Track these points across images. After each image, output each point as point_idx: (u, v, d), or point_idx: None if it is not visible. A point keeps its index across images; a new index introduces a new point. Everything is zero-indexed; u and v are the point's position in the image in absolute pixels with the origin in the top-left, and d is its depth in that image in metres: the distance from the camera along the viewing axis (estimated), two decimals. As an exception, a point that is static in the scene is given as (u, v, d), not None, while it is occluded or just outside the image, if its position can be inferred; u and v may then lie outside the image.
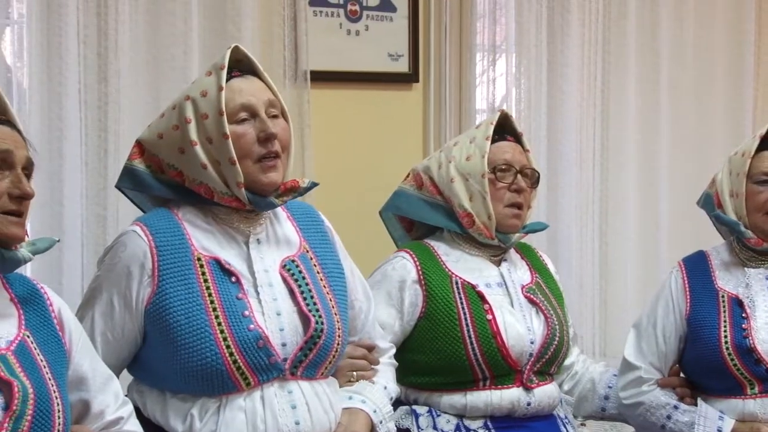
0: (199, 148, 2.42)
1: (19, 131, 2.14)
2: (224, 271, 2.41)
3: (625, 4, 4.25)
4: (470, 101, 4.05)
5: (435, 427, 2.84)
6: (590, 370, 3.15)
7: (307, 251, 2.55)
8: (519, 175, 2.94)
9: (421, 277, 2.89)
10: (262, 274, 2.44)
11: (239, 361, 2.34)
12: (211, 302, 2.37)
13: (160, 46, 3.50)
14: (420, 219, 3.03)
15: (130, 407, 2.32)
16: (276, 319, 2.41)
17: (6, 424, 1.99)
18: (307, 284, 2.47)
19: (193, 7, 3.51)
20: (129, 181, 2.53)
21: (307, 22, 3.75)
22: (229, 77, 2.45)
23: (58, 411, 2.09)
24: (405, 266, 2.91)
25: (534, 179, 2.98)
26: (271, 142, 2.42)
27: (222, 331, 2.34)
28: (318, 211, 2.68)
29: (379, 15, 3.93)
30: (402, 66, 3.99)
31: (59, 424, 2.08)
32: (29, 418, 2.02)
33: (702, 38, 4.41)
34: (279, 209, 2.56)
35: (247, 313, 2.38)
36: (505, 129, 3.01)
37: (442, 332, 2.84)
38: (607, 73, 4.26)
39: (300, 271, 2.48)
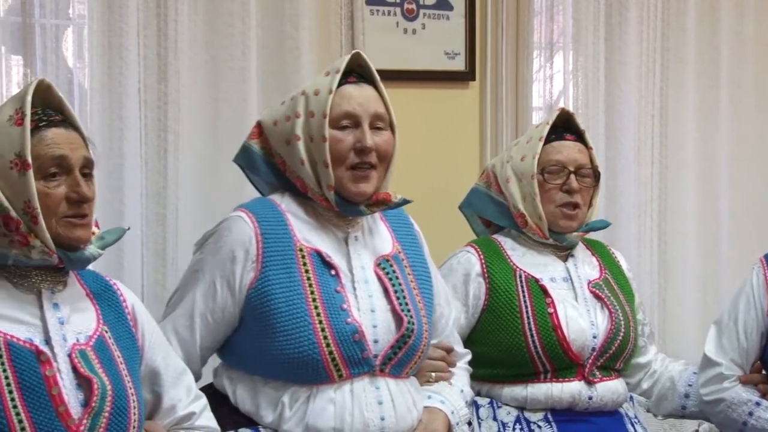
0: (301, 144, 2.48)
1: (76, 129, 2.16)
2: (325, 263, 2.46)
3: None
4: (527, 99, 4.03)
5: (495, 419, 2.85)
6: (669, 369, 3.13)
7: (400, 252, 2.60)
8: (573, 175, 2.93)
9: (485, 270, 2.92)
10: (359, 271, 2.49)
11: (335, 352, 2.39)
12: (312, 292, 2.42)
13: (218, 46, 3.52)
14: (487, 216, 3.08)
15: (203, 402, 2.35)
16: (370, 315, 2.45)
17: (85, 421, 2.02)
18: (400, 284, 2.51)
19: (252, 7, 3.53)
20: (243, 159, 2.62)
21: (364, 21, 3.76)
22: (345, 82, 2.49)
23: (134, 407, 2.12)
24: (469, 260, 2.95)
25: (594, 178, 2.97)
26: (366, 153, 2.47)
27: (320, 322, 2.39)
28: (408, 216, 2.72)
29: (436, 13, 3.92)
30: (458, 64, 3.98)
31: (134, 421, 2.11)
32: (107, 414, 2.05)
33: (763, 34, 4.35)
34: None
35: (345, 306, 2.43)
36: (569, 127, 3.00)
37: (503, 324, 2.86)
38: (666, 69, 4.22)
39: (393, 271, 2.53)
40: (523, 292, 2.88)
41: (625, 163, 4.15)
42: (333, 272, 2.46)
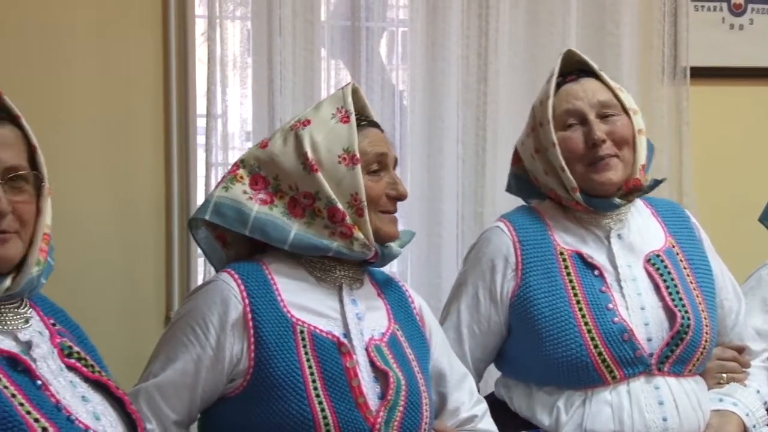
0: (540, 156, 2.49)
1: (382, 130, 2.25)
2: (587, 264, 2.44)
3: None
4: None
5: None
6: None
7: (673, 246, 2.53)
8: None
9: None
10: (625, 269, 2.45)
11: (604, 353, 2.35)
12: (575, 294, 2.40)
13: (538, 45, 3.52)
14: None
15: (484, 406, 2.37)
16: (640, 313, 2.41)
17: (382, 413, 2.08)
18: (672, 279, 2.45)
19: (572, 4, 3.51)
20: (509, 186, 2.67)
21: (688, 17, 3.67)
22: (564, 82, 2.49)
23: (426, 404, 2.16)
24: None
25: None
26: (598, 147, 2.43)
27: (586, 323, 2.37)
28: (684, 209, 2.66)
29: (766, 8, 3.78)
30: (789, 61, 3.82)
31: (426, 417, 2.16)
32: (401, 408, 2.10)
33: None
34: (642, 206, 2.57)
35: (610, 306, 2.39)
36: None
37: None
38: None
39: (665, 266, 2.46)
40: None
41: None
42: (596, 273, 2.43)
